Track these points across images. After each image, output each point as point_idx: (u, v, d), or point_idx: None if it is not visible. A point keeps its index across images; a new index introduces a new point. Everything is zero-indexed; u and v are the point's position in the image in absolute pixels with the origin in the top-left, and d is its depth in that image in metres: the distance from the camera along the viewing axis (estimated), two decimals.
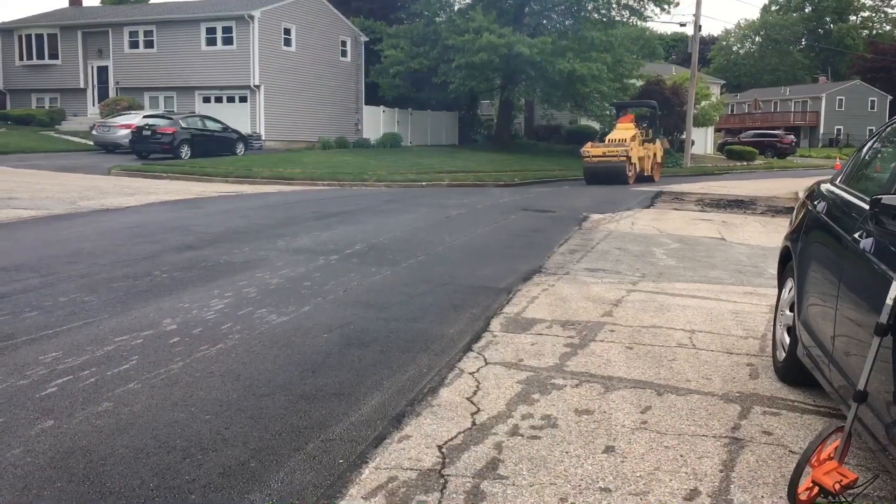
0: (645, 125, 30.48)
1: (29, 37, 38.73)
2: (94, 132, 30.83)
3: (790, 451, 3.88)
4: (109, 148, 29.76)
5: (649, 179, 28.59)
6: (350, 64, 41.02)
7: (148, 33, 36.59)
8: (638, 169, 27.36)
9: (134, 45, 36.85)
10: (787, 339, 4.90)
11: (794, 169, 42.84)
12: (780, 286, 5.36)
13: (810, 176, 23.06)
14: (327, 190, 20.65)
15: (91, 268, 7.99)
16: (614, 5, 41.43)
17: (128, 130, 28.42)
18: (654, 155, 29.69)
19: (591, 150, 26.93)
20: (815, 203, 4.89)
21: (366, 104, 41.64)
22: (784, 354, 4.94)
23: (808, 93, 78.36)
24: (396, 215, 13.79)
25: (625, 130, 27.76)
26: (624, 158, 26.04)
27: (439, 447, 3.84)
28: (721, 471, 3.65)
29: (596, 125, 28.12)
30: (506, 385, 4.79)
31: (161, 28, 36.33)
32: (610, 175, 25.95)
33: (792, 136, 60.35)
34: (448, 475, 3.53)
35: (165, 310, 6.32)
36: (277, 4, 36.25)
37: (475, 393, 4.63)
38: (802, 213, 5.16)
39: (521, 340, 5.81)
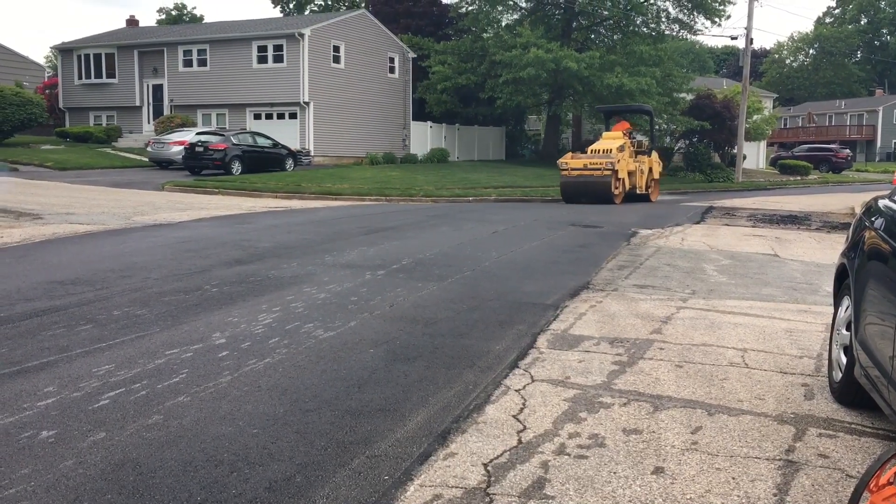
0: (633, 136, 26.42)
1: (87, 56, 39.93)
2: (148, 149, 31.64)
3: (847, 476, 3.76)
4: (163, 164, 30.54)
5: (644, 199, 24.42)
6: (398, 80, 41.37)
7: (201, 52, 37.45)
8: (628, 186, 23.35)
9: (188, 63, 37.74)
10: (844, 359, 4.77)
11: (849, 184, 41.90)
12: (836, 304, 5.22)
13: (867, 191, 22.53)
14: (374, 205, 20.79)
15: (143, 282, 8.15)
16: (664, 19, 41.27)
17: (181, 147, 29.08)
18: (651, 170, 25.03)
19: (569, 161, 22.95)
20: (873, 219, 4.76)
21: (413, 120, 41.97)
22: (840, 375, 4.80)
23: (864, 106, 76.57)
24: (443, 230, 13.81)
25: (611, 140, 23.74)
26: (608, 172, 22.14)
27: (485, 465, 3.80)
28: (775, 495, 3.55)
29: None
30: (552, 403, 4.73)
31: (214, 47, 37.15)
32: (591, 192, 22.29)
33: (847, 151, 58.98)
34: (493, 494, 3.49)
35: (215, 324, 6.41)
36: (327, 22, 36.84)
37: (521, 410, 4.59)
38: (859, 230, 5.02)
39: (568, 358, 5.75)
